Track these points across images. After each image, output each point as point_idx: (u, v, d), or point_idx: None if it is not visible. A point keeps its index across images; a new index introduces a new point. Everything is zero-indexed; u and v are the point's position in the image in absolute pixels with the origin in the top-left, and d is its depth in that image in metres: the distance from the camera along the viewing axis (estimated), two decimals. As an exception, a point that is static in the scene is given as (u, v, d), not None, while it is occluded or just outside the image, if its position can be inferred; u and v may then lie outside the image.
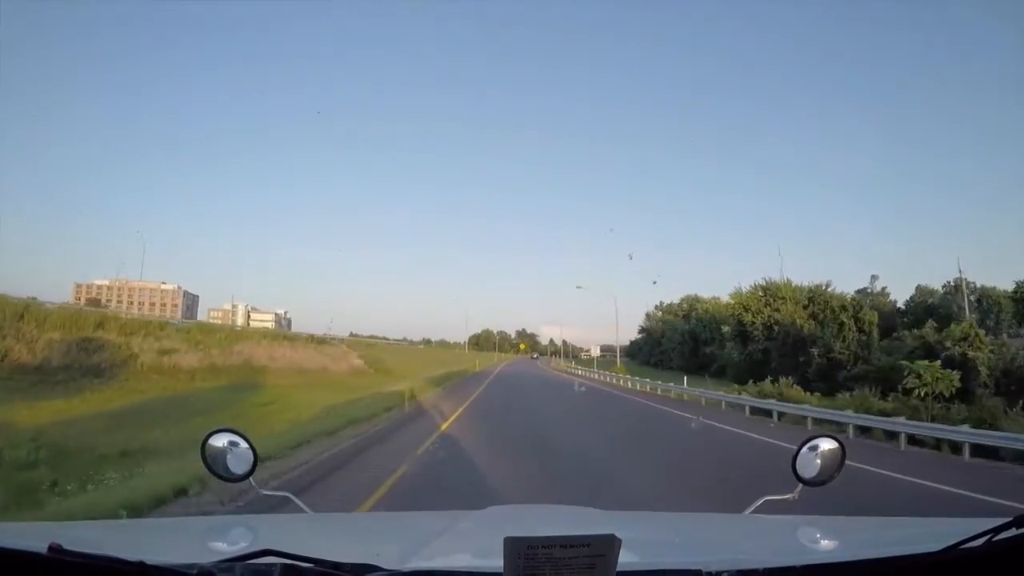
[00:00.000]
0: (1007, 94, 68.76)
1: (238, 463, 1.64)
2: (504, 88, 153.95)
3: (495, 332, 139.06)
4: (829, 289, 43.48)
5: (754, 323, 41.24)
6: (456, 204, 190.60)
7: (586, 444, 11.16)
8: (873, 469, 9.03)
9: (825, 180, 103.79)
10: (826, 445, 1.67)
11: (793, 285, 43.61)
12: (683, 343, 57.77)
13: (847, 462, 1.66)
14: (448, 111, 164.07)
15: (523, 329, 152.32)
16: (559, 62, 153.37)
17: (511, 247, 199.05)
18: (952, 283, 47.18)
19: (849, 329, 33.91)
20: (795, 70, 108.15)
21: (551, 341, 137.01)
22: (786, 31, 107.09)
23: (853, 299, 35.99)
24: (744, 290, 43.83)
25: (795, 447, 1.69)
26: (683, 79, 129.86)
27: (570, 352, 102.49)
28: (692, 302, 62.74)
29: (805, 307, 42.16)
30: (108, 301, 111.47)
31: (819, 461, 1.66)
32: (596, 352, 59.78)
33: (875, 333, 35.20)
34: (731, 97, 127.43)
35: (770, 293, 42.47)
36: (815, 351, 34.19)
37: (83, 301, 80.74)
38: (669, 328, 62.89)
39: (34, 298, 41.97)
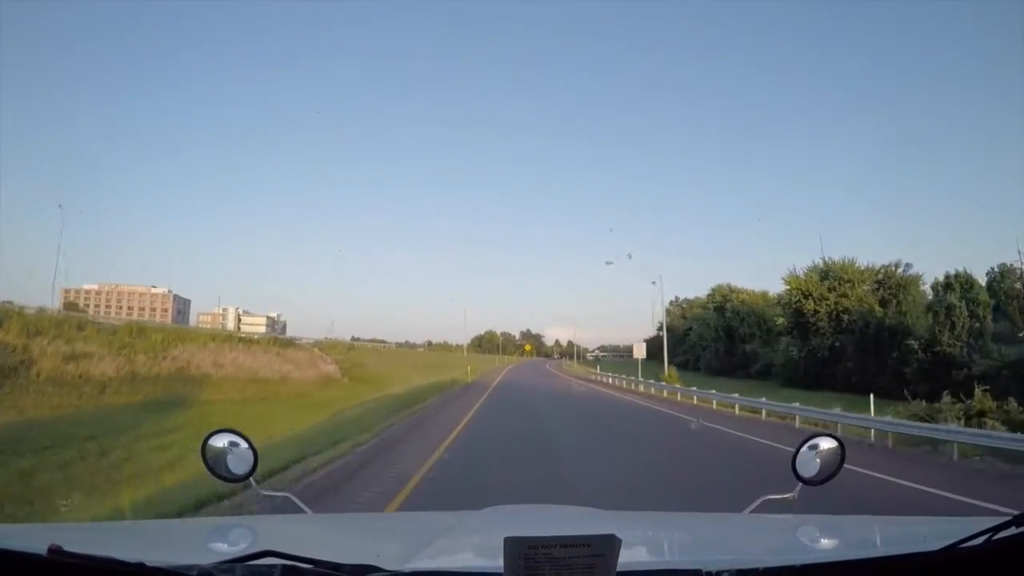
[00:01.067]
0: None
1: (238, 463, 1.63)
2: (505, 90, 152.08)
3: (499, 333, 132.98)
4: (899, 271, 35.50)
5: (817, 312, 33.35)
6: (459, 206, 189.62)
7: None
8: None
9: (836, 172, 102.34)
10: (826, 444, 1.65)
11: (857, 266, 35.70)
12: (716, 340, 49.70)
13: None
14: (451, 113, 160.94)
15: (527, 330, 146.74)
16: (560, 64, 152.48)
17: (514, 249, 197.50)
18: (996, 269, 39.43)
19: (960, 314, 26.03)
20: (791, 71, 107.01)
21: (556, 342, 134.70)
22: (783, 26, 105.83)
23: (959, 276, 28.29)
24: (800, 274, 35.99)
25: None
26: (684, 79, 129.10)
27: (581, 354, 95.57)
28: (725, 293, 54.56)
29: (875, 291, 34.21)
30: (97, 306, 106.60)
31: (819, 460, 1.63)
32: (641, 353, 37.10)
33: (989, 320, 27.29)
34: (732, 96, 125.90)
35: (833, 276, 34.60)
36: (914, 344, 26.37)
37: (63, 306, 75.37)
38: (699, 323, 54.67)
39: (9, 302, 35.57)
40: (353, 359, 38.03)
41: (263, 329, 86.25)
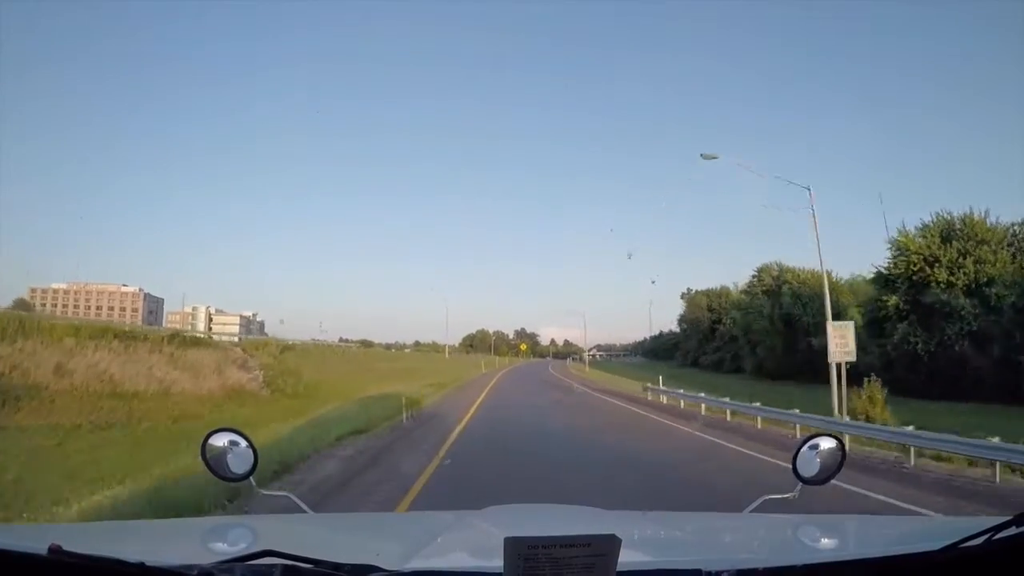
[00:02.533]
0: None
1: (238, 463, 1.63)
2: (499, 90, 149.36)
3: (491, 332, 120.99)
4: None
5: (952, 286, 23.14)
6: (454, 206, 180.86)
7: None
8: None
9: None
10: (826, 444, 1.64)
11: (988, 224, 25.50)
12: (771, 334, 39.21)
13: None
14: (443, 116, 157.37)
15: (522, 328, 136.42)
16: (555, 66, 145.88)
17: (509, 248, 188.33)
18: None
19: None
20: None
21: (552, 341, 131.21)
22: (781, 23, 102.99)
23: None
24: (913, 234, 25.70)
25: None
26: (679, 79, 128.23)
27: (577, 354, 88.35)
28: (776, 274, 44.26)
29: (1014, 258, 24.08)
30: (65, 306, 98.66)
31: (819, 460, 1.62)
32: (848, 348, 14.42)
33: None
34: (724, 93, 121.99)
35: (961, 235, 24.38)
36: None
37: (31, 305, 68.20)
38: (743, 313, 44.27)
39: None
40: (285, 365, 28.15)
41: (236, 328, 78.30)
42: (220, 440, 1.63)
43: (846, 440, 10.79)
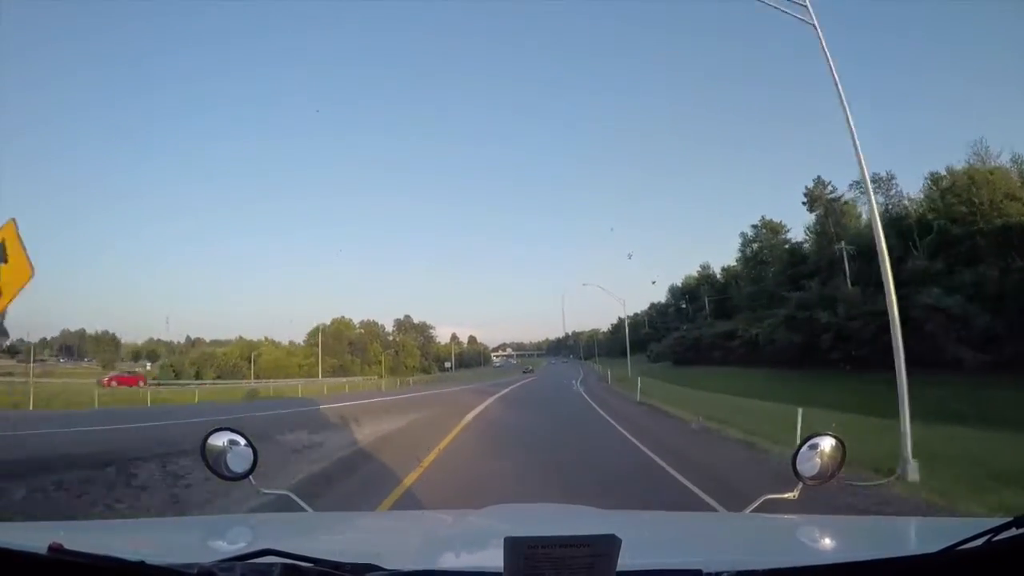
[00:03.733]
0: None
1: (237, 461, 1.66)
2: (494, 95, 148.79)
3: (356, 323, 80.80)
4: None
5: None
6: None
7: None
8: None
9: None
10: (827, 443, 1.65)
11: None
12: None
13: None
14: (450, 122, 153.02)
15: (406, 317, 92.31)
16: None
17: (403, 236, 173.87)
18: None
19: None
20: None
21: (453, 336, 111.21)
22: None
23: None
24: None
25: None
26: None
27: (485, 354, 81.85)
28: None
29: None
30: None
31: (819, 460, 1.64)
32: None
33: None
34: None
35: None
36: None
37: None
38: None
39: None
40: None
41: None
42: (219, 439, 1.65)
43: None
